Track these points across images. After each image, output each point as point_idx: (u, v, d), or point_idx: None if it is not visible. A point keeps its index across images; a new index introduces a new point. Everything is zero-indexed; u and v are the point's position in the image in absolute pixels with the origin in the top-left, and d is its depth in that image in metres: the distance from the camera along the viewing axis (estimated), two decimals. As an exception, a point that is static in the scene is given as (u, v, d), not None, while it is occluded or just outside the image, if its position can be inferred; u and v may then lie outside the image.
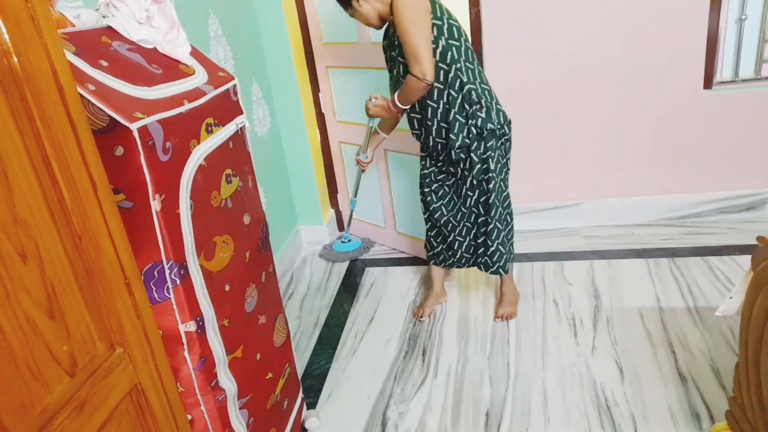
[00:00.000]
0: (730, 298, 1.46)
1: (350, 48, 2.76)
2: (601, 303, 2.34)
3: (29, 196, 0.74)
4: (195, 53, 1.33)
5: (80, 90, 0.90)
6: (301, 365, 2.19)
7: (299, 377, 1.83)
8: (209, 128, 1.23)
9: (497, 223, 2.15)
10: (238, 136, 1.38)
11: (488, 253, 2.21)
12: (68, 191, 0.81)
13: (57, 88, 0.79)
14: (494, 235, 2.17)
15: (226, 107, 1.33)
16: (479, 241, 2.22)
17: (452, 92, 1.99)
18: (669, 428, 1.69)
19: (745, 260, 2.44)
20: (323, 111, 3.06)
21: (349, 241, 3.11)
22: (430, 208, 2.28)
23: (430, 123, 2.06)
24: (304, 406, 1.88)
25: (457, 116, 2.01)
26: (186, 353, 1.17)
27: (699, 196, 2.90)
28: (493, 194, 2.10)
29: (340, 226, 3.35)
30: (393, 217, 2.99)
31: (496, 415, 1.83)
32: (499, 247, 2.19)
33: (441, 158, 2.17)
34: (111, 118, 0.96)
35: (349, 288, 2.74)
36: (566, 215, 3.03)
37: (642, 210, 2.96)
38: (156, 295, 1.11)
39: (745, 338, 1.37)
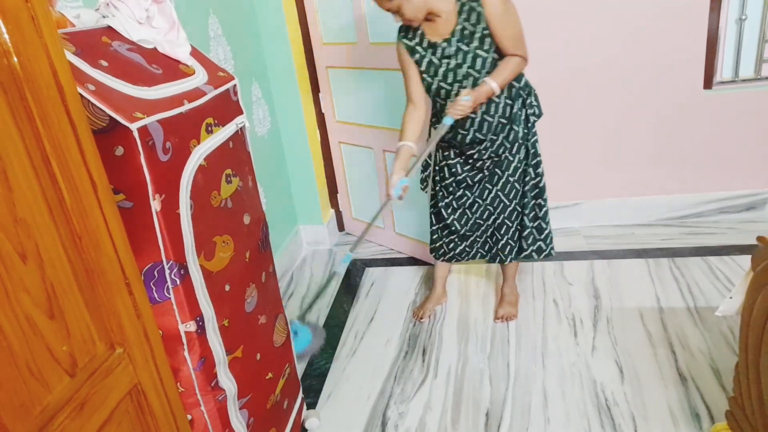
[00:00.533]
0: (730, 298, 1.46)
1: (350, 48, 2.77)
2: (601, 303, 2.34)
3: (29, 196, 0.74)
4: (195, 53, 1.33)
5: (80, 90, 0.90)
6: (301, 365, 2.19)
7: (299, 377, 1.83)
8: (209, 128, 1.23)
9: (547, 205, 2.21)
10: (238, 136, 1.38)
11: (542, 236, 2.22)
12: (68, 191, 0.81)
13: (57, 88, 0.79)
14: (547, 218, 2.21)
15: (226, 107, 1.33)
16: (534, 225, 2.21)
17: (514, 83, 1.98)
18: (669, 428, 1.69)
19: (745, 260, 2.44)
20: (323, 111, 3.06)
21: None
22: (449, 220, 2.21)
23: (491, 119, 1.97)
24: (304, 406, 1.88)
25: (517, 109, 2.00)
26: (186, 353, 1.17)
27: (699, 196, 2.90)
28: (543, 177, 2.15)
29: (340, 226, 3.35)
30: (392, 217, 2.99)
31: (496, 415, 1.83)
32: (550, 226, 2.24)
33: (484, 157, 2.07)
34: (111, 118, 0.96)
35: (349, 288, 2.74)
36: (566, 215, 3.03)
37: (642, 210, 2.96)
38: (156, 295, 1.11)
39: (745, 338, 1.37)
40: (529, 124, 2.05)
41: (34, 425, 0.73)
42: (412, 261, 2.91)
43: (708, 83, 2.70)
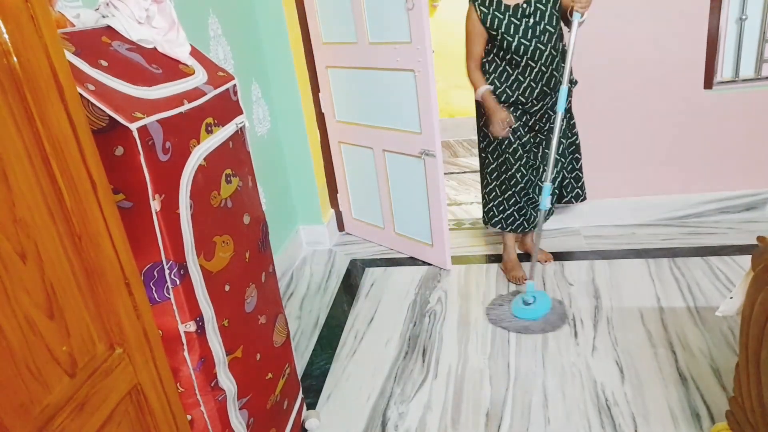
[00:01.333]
0: (731, 298, 1.46)
1: (350, 48, 2.76)
2: (601, 303, 2.34)
3: (29, 196, 0.74)
4: (195, 53, 1.32)
5: (80, 90, 0.90)
6: (301, 365, 2.19)
7: (299, 377, 1.83)
8: (209, 128, 1.23)
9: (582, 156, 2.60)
10: (238, 136, 1.38)
11: (579, 184, 2.62)
12: (68, 191, 0.81)
13: (57, 88, 0.79)
14: (582, 167, 2.61)
15: (225, 107, 1.33)
16: (572, 175, 2.60)
17: (561, 42, 2.33)
18: (669, 428, 1.69)
19: (746, 260, 2.43)
20: (323, 111, 3.06)
21: (533, 301, 2.30)
22: (520, 185, 2.46)
23: (564, 65, 2.14)
24: (304, 407, 1.88)
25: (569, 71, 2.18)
26: (186, 353, 1.17)
27: (699, 196, 2.90)
28: (578, 134, 2.57)
29: (340, 226, 3.35)
30: (392, 218, 2.99)
31: (496, 415, 1.83)
32: (584, 174, 2.65)
33: (544, 116, 2.40)
34: (111, 118, 0.96)
35: (349, 288, 2.74)
36: (566, 215, 3.03)
37: (642, 210, 2.96)
38: (156, 295, 1.11)
39: (745, 338, 1.37)
40: (571, 86, 2.39)
41: (34, 425, 0.73)
42: (412, 261, 2.91)
43: (708, 83, 2.70)
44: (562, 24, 2.27)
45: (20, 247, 0.72)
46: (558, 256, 2.74)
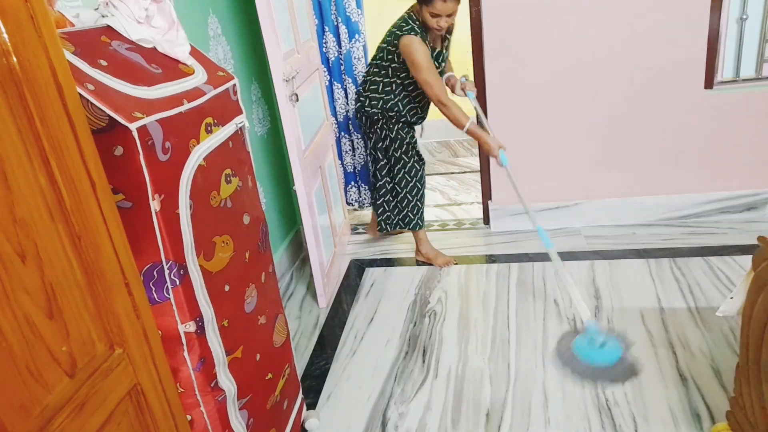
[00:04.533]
0: (731, 298, 1.46)
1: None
2: (601, 303, 2.34)
3: (28, 196, 0.74)
4: (194, 53, 1.32)
5: (79, 90, 0.90)
6: (301, 365, 2.19)
7: (299, 377, 1.83)
8: (209, 128, 1.23)
9: None
10: (238, 136, 1.38)
11: None
12: (67, 191, 0.80)
13: (56, 88, 0.79)
14: None
15: (225, 107, 1.33)
16: None
17: None
18: (669, 428, 1.69)
19: (746, 260, 2.43)
20: (323, 111, 3.06)
21: (603, 345, 1.97)
22: (424, 184, 2.79)
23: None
24: (304, 407, 1.87)
25: None
26: (185, 353, 1.16)
27: (699, 196, 2.90)
28: None
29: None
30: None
31: (496, 416, 1.83)
32: None
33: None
34: (110, 117, 0.96)
35: (349, 288, 2.74)
36: (566, 215, 3.02)
37: (642, 210, 2.96)
38: (155, 296, 1.11)
39: (745, 338, 1.37)
40: None
41: (34, 425, 0.73)
42: (412, 261, 2.91)
43: (709, 83, 2.69)
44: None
45: (20, 248, 0.72)
46: (558, 256, 2.74)
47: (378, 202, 2.84)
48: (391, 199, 2.80)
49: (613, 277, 2.51)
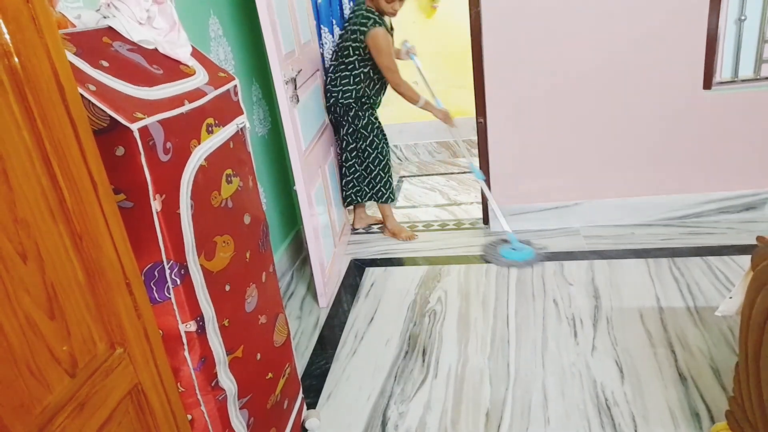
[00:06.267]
0: (730, 297, 1.46)
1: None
2: (601, 303, 2.34)
3: (30, 196, 0.74)
4: (195, 54, 1.33)
5: (81, 90, 0.90)
6: (301, 365, 2.20)
7: (299, 377, 1.83)
8: (210, 128, 1.23)
9: None
10: (239, 137, 1.38)
11: None
12: (69, 191, 0.81)
13: (58, 89, 0.79)
14: None
15: (226, 107, 1.33)
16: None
17: None
18: (669, 428, 1.69)
19: (745, 260, 2.44)
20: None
21: (519, 249, 2.81)
22: (389, 159, 3.06)
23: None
24: (304, 406, 1.88)
25: None
26: (186, 353, 1.17)
27: (699, 196, 2.90)
28: None
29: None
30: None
31: (496, 415, 1.83)
32: None
33: None
34: (111, 118, 0.96)
35: (349, 288, 2.74)
36: (566, 215, 3.03)
37: (642, 210, 2.96)
38: (156, 295, 1.11)
39: (744, 338, 1.38)
40: None
41: (34, 425, 0.73)
42: (412, 261, 2.91)
43: (707, 83, 2.70)
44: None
45: (21, 247, 0.72)
46: (558, 256, 2.74)
47: (348, 179, 3.09)
48: (364, 175, 3.08)
49: (613, 277, 2.52)
